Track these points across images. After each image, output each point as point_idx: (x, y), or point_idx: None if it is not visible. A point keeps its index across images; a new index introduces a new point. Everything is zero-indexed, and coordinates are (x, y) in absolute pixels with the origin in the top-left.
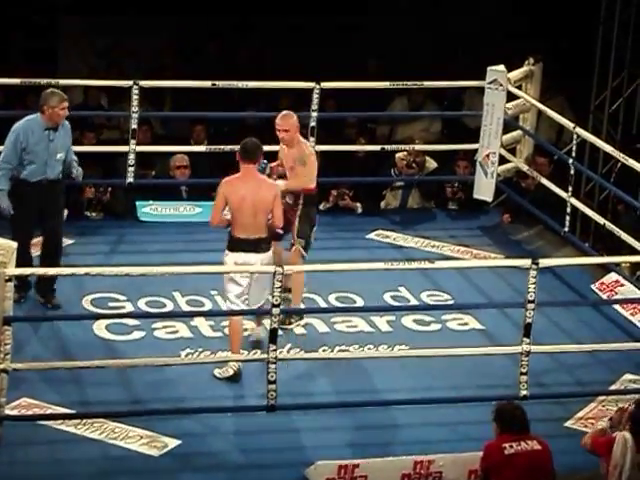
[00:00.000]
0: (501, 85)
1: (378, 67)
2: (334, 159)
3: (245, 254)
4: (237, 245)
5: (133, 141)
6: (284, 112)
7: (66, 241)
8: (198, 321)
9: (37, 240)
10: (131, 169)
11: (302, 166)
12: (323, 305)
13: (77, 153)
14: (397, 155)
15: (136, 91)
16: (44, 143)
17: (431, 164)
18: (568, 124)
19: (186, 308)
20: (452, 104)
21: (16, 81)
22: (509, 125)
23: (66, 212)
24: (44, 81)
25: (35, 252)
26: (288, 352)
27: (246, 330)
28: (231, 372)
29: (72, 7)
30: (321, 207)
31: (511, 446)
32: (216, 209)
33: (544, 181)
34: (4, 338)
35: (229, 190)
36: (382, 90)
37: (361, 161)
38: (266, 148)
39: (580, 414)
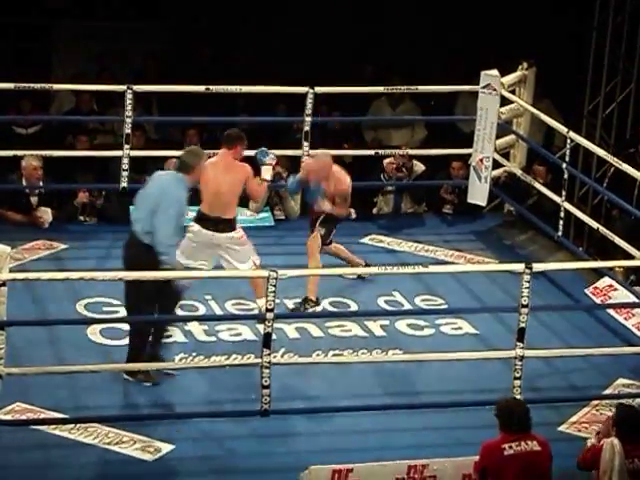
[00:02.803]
0: (495, 90)
1: (375, 72)
2: None
3: (204, 229)
4: (198, 218)
5: (127, 146)
6: (318, 154)
7: (59, 246)
8: (192, 325)
9: (31, 244)
10: (125, 174)
11: (343, 203)
12: (317, 309)
13: (71, 158)
14: (385, 160)
15: (130, 96)
16: None
17: (419, 167)
18: (562, 129)
19: (180, 313)
20: (440, 104)
21: (10, 85)
22: (503, 129)
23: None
24: (38, 86)
25: (29, 256)
26: (282, 357)
27: None
28: None
29: (66, 12)
30: None
31: (510, 447)
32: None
33: (538, 186)
34: None
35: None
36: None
37: (349, 167)
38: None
39: (574, 418)
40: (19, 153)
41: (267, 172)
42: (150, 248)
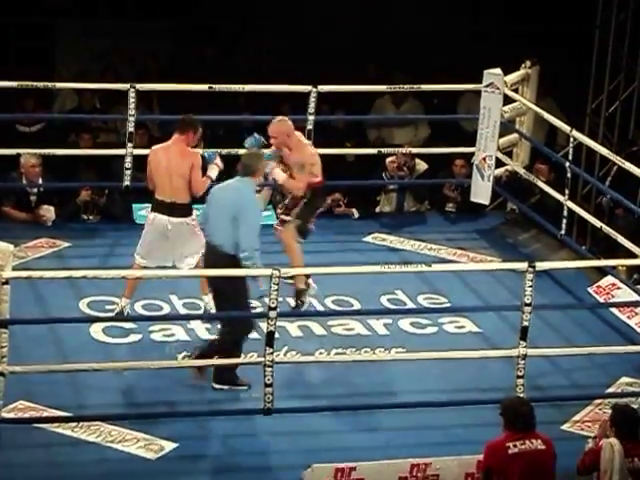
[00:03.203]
0: (498, 88)
1: (377, 71)
2: (327, 163)
3: (159, 215)
4: (154, 206)
5: (130, 144)
6: (277, 118)
7: (62, 244)
8: (195, 324)
9: (34, 242)
10: (128, 172)
11: (300, 172)
12: (320, 308)
13: (74, 156)
14: (388, 159)
15: (132, 94)
16: None
17: (421, 166)
18: (565, 127)
19: (183, 311)
20: (443, 102)
21: (13, 84)
22: (506, 128)
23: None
24: (41, 84)
25: (32, 254)
26: (285, 355)
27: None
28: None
29: (69, 10)
30: None
31: (515, 445)
32: (147, 175)
33: (541, 185)
34: (1, 341)
35: (151, 156)
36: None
37: (352, 166)
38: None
39: (577, 417)
40: (22, 151)
41: (212, 170)
42: (232, 256)
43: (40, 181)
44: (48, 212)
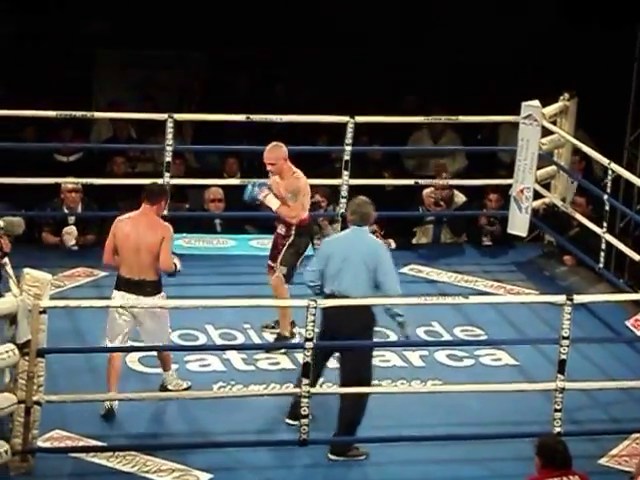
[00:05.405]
0: (536, 120)
1: (415, 102)
2: (365, 194)
3: (127, 294)
4: (120, 283)
5: (167, 174)
6: (271, 144)
7: (99, 273)
8: (231, 354)
9: (72, 272)
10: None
11: (293, 200)
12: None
13: (110, 185)
14: (424, 192)
15: (170, 124)
16: None
17: (460, 198)
18: (603, 160)
19: (219, 341)
20: (487, 137)
21: (52, 113)
22: (544, 160)
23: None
24: (79, 114)
25: (69, 284)
26: (321, 386)
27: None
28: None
29: (108, 40)
30: None
31: None
32: (106, 247)
33: (578, 217)
34: (38, 370)
35: (117, 227)
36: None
37: (390, 196)
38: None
39: (614, 451)
40: (60, 180)
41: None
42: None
43: (80, 208)
44: (67, 234)
